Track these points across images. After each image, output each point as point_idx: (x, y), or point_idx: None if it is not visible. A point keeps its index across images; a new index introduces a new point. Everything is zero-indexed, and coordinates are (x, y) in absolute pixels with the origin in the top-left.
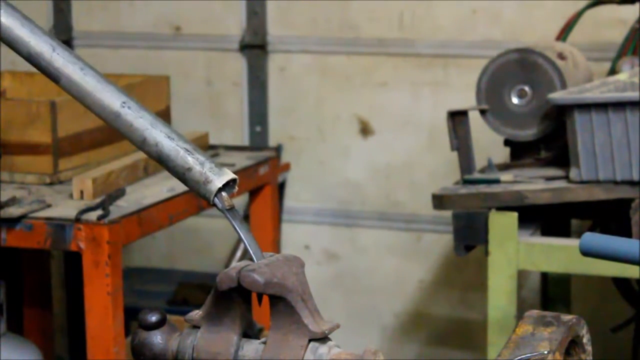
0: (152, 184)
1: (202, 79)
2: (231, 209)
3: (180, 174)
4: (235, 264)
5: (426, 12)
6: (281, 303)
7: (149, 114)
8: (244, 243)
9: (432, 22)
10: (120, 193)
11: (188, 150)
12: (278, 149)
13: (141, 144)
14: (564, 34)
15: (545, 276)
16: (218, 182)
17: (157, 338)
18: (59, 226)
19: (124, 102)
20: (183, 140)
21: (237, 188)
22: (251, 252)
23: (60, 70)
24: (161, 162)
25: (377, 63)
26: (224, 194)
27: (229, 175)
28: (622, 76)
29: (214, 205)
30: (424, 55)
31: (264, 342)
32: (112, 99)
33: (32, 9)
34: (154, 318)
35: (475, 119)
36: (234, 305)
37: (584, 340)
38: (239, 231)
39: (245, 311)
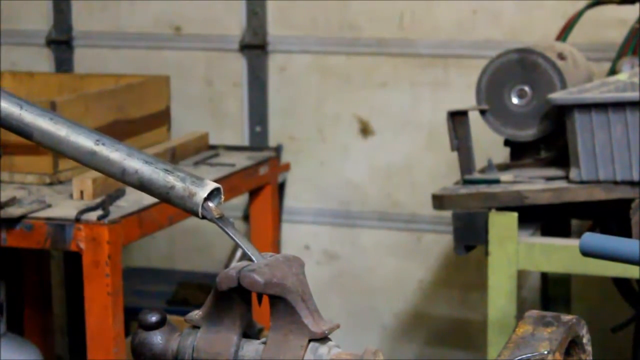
0: None
1: (202, 79)
2: (221, 217)
3: (164, 194)
4: (235, 264)
5: (426, 12)
6: (281, 303)
7: (123, 145)
8: (242, 248)
9: (432, 22)
10: (120, 193)
11: (167, 170)
12: (278, 149)
13: (122, 175)
14: (564, 34)
15: (545, 276)
16: (202, 193)
17: (157, 338)
18: (59, 226)
19: (97, 140)
20: (161, 162)
21: (223, 197)
22: (250, 254)
23: (31, 124)
24: (144, 188)
25: (377, 63)
26: (210, 204)
27: (211, 185)
28: (622, 76)
29: (204, 217)
30: (424, 55)
31: (264, 342)
32: (85, 139)
33: (32, 9)
34: (154, 318)
35: (475, 119)
36: (234, 305)
37: (584, 340)
38: (234, 237)
39: (245, 311)
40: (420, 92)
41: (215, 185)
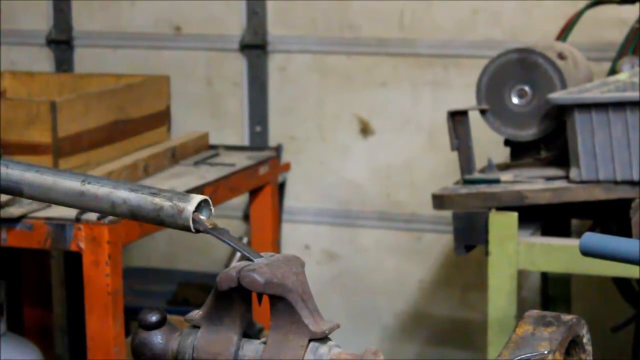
0: (152, 184)
1: (202, 79)
2: (214, 227)
3: (155, 217)
4: (235, 263)
5: (426, 12)
6: (281, 303)
7: (108, 180)
8: (242, 252)
9: (432, 22)
10: None
11: (153, 193)
12: (278, 149)
13: (112, 208)
14: (564, 34)
15: (545, 276)
16: (190, 207)
17: (157, 338)
18: (59, 226)
19: (83, 180)
20: (147, 188)
21: (212, 209)
22: (251, 257)
23: (19, 181)
24: (135, 215)
25: (377, 63)
26: (201, 217)
27: (197, 197)
28: (622, 76)
29: (198, 230)
30: (424, 55)
31: (264, 342)
32: (72, 182)
33: (32, 9)
34: (154, 318)
35: (475, 119)
36: (234, 305)
37: (584, 340)
38: (231, 244)
39: (245, 311)
40: (420, 92)
41: (201, 197)
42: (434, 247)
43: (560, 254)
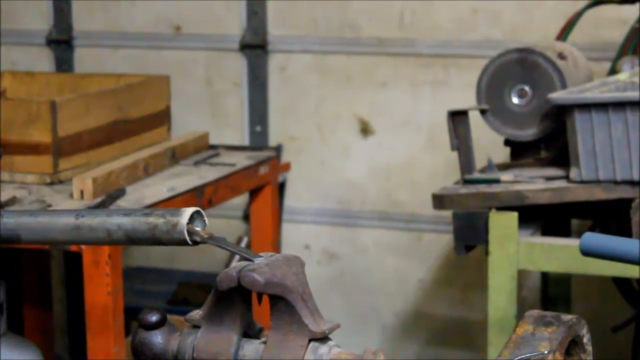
0: (152, 183)
1: (202, 79)
2: (210, 237)
3: (151, 236)
4: (235, 263)
5: (426, 11)
6: (281, 303)
7: (100, 210)
8: (242, 256)
9: (432, 22)
10: (120, 193)
11: (146, 214)
12: (278, 149)
13: (108, 236)
14: (564, 34)
15: (545, 276)
16: (183, 220)
17: (157, 338)
18: None
19: (77, 214)
20: (139, 210)
21: (206, 219)
22: (251, 259)
23: (16, 227)
24: (131, 239)
25: (377, 63)
26: (197, 228)
27: (189, 210)
28: (622, 76)
29: (195, 242)
30: (424, 55)
31: (264, 342)
32: (66, 219)
33: (32, 9)
34: (154, 318)
35: (475, 119)
36: (234, 305)
37: (584, 340)
38: (230, 249)
39: (246, 311)
40: (420, 91)
41: (193, 209)
42: (434, 247)
43: (560, 254)
